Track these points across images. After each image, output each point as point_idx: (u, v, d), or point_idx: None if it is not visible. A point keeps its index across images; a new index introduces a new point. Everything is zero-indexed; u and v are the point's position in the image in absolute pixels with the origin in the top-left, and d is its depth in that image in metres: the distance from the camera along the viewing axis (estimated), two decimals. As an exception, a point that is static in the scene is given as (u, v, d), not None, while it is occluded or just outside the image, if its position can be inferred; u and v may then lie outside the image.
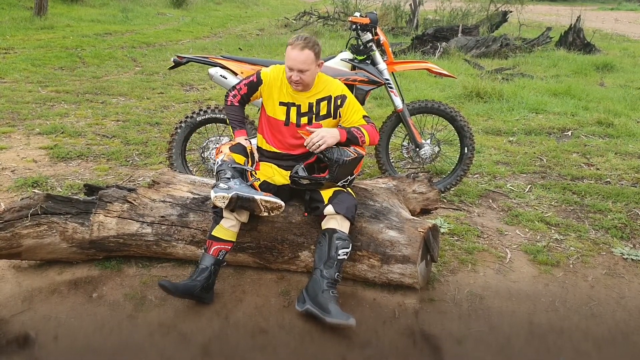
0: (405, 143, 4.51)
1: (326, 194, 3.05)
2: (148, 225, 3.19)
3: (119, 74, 9.12)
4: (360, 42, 4.22)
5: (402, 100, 4.33)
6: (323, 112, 3.17)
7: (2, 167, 4.71)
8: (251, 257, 3.19)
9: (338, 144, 3.05)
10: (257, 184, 3.06)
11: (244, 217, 2.99)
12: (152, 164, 4.97)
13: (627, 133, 6.34)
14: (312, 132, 3.04)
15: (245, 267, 3.24)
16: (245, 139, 3.24)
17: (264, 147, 3.30)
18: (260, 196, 2.80)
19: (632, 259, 3.56)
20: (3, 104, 6.70)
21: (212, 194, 2.78)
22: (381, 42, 4.24)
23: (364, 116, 3.22)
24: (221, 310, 2.89)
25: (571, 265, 3.47)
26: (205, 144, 4.35)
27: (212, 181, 3.44)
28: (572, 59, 11.40)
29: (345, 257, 2.91)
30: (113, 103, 7.13)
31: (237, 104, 3.33)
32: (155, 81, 8.61)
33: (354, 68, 4.17)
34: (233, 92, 3.33)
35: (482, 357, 2.63)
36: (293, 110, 3.16)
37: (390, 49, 4.33)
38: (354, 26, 4.21)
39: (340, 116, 3.19)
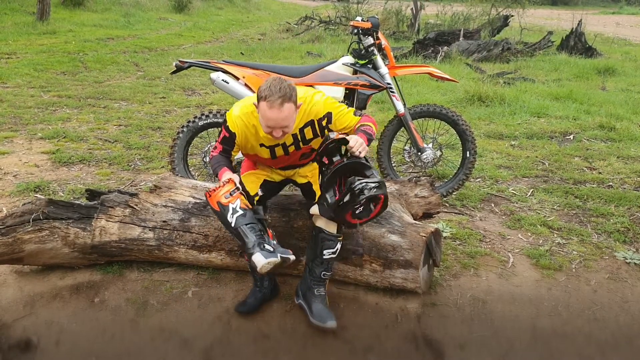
0: (407, 147, 4.51)
1: (319, 190, 2.94)
2: (150, 230, 3.19)
3: (121, 78, 9.13)
4: (361, 47, 4.22)
5: (404, 104, 4.33)
6: (309, 136, 2.86)
7: (4, 172, 4.71)
8: (253, 262, 3.19)
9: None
10: (258, 184, 3.04)
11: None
12: (154, 169, 4.97)
13: (629, 137, 6.33)
14: (349, 137, 2.77)
15: (247, 271, 3.23)
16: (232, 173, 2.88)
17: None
18: (292, 257, 2.65)
19: (635, 263, 3.55)
20: (5, 109, 6.71)
21: (261, 261, 2.52)
22: (383, 46, 4.24)
23: (354, 113, 2.94)
24: (223, 315, 2.89)
25: (574, 270, 3.46)
26: (207, 148, 4.35)
27: (213, 185, 3.43)
28: (574, 63, 11.40)
29: (332, 256, 2.86)
30: (115, 108, 7.14)
31: (217, 154, 2.93)
32: (157, 86, 8.63)
33: (355, 72, 4.17)
34: (212, 151, 2.98)
35: (484, 362, 2.62)
36: (278, 148, 2.88)
37: (391, 53, 4.33)
38: (355, 30, 4.22)
39: (330, 130, 2.92)
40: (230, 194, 2.65)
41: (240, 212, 2.61)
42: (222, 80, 4.20)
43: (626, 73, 10.71)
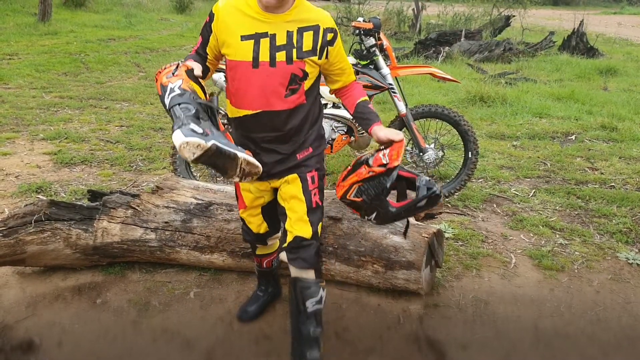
0: (408, 148, 4.50)
1: (292, 227, 2.38)
2: (152, 231, 3.19)
3: (122, 79, 9.14)
4: (363, 47, 4.22)
5: (406, 104, 4.33)
6: (307, 46, 2.23)
7: (6, 173, 4.71)
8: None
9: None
10: (258, 213, 2.62)
11: (276, 242, 2.73)
12: (155, 170, 4.97)
13: (631, 137, 6.32)
14: (392, 139, 2.33)
15: (249, 272, 3.23)
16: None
17: (231, 115, 2.40)
18: (242, 154, 2.00)
19: (637, 264, 3.54)
20: (7, 110, 6.71)
21: (180, 139, 1.89)
22: (384, 46, 4.24)
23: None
24: (225, 316, 2.89)
25: (576, 270, 3.45)
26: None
27: (217, 187, 3.44)
28: (576, 63, 11.38)
29: (319, 306, 2.42)
30: (117, 108, 7.14)
31: (192, 54, 2.41)
32: (159, 86, 8.62)
33: (357, 73, 4.17)
34: None
35: (487, 363, 2.62)
36: (264, 43, 2.20)
37: (393, 53, 4.33)
38: (357, 31, 4.22)
39: (327, 57, 2.31)
40: (173, 73, 2.16)
41: (178, 91, 2.07)
42: (224, 80, 4.20)
43: (628, 73, 10.69)
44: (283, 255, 2.42)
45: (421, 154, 4.40)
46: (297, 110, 2.31)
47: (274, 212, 2.56)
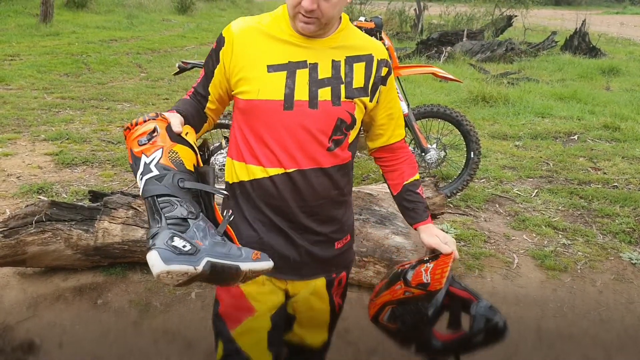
0: (410, 148, 4.49)
1: (302, 331, 1.87)
2: (153, 231, 3.18)
3: (124, 80, 9.14)
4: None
5: (408, 104, 4.32)
6: (358, 81, 1.66)
7: (7, 174, 4.71)
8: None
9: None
10: (264, 334, 1.74)
11: None
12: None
13: (633, 137, 6.30)
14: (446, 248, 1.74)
15: (251, 273, 3.22)
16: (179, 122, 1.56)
17: (244, 178, 1.67)
18: (247, 264, 1.37)
19: (640, 264, 3.53)
20: (9, 111, 6.71)
21: (158, 266, 1.26)
22: (386, 46, 4.23)
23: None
24: (226, 316, 2.87)
25: (579, 270, 3.44)
26: (212, 148, 4.34)
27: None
28: (578, 63, 11.36)
29: None
30: (118, 109, 7.14)
31: (186, 97, 1.80)
32: (161, 87, 8.63)
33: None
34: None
35: (489, 364, 2.60)
36: (301, 75, 1.61)
37: (395, 53, 4.32)
38: (358, 31, 4.20)
39: (378, 100, 1.72)
40: (149, 139, 1.47)
41: (155, 172, 1.41)
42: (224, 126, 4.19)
43: (630, 73, 10.67)
44: None
45: (423, 154, 4.39)
46: (343, 170, 1.71)
47: (280, 338, 1.81)
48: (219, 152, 1.90)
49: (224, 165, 4.20)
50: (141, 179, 1.41)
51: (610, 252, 3.69)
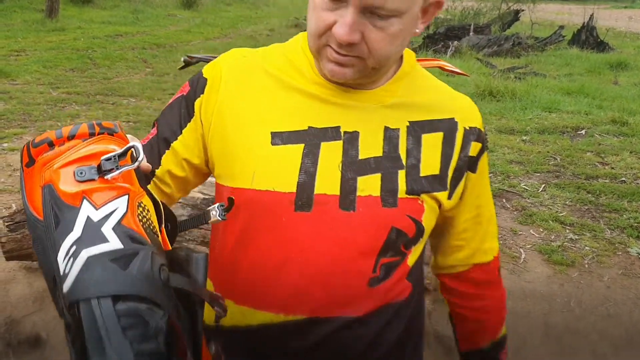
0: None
1: None
2: (158, 225, 3.17)
3: (129, 75, 9.15)
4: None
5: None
6: (430, 165, 0.99)
7: (13, 169, 4.72)
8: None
9: None
10: None
11: None
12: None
13: (642, 131, 6.27)
14: None
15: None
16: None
17: (226, 324, 1.02)
18: None
19: (649, 259, 3.50)
20: (15, 106, 6.73)
21: None
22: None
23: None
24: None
25: (586, 265, 3.42)
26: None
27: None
28: (585, 58, 11.29)
29: None
30: (124, 104, 7.15)
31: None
32: (166, 82, 8.63)
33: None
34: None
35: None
36: (329, 152, 0.95)
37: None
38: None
39: (462, 196, 1.05)
40: (102, 173, 0.68)
41: (115, 244, 0.63)
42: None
43: (639, 67, 10.60)
44: None
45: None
46: (393, 318, 1.02)
47: None
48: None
49: None
50: (72, 256, 0.62)
51: (618, 247, 3.67)
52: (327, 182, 0.93)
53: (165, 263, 0.66)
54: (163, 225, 0.78)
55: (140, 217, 0.69)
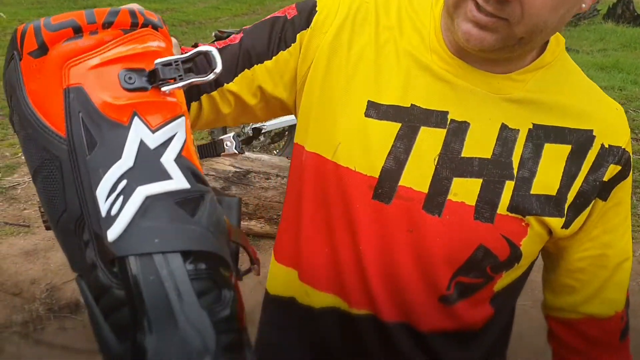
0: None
1: None
2: (191, 197, 3.24)
3: (160, 51, 9.22)
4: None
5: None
6: (546, 182, 0.80)
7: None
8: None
9: None
10: None
11: None
12: (195, 139, 5.03)
13: (678, 107, 6.13)
14: None
15: (287, 239, 3.27)
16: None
17: (282, 292, 0.99)
18: None
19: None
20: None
21: None
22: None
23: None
24: (263, 281, 2.92)
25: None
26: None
27: (254, 155, 3.47)
28: (621, 32, 11.01)
29: None
30: (155, 80, 7.23)
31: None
32: (196, 58, 8.69)
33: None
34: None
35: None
36: (428, 139, 0.80)
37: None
38: None
39: (583, 226, 0.85)
40: (153, 81, 0.53)
41: (181, 181, 0.50)
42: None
43: (676, 42, 10.31)
44: None
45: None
46: (463, 341, 0.90)
47: None
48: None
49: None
50: (122, 193, 0.48)
51: (651, 223, 3.64)
52: (417, 175, 0.79)
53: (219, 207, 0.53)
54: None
55: (195, 151, 0.56)
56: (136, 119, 0.49)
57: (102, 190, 0.47)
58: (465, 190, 0.78)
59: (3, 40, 8.08)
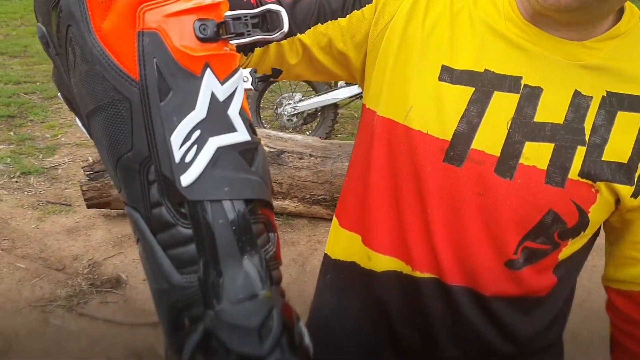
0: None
1: None
2: (226, 177, 3.29)
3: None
4: None
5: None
6: (618, 149, 0.79)
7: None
8: (325, 209, 3.25)
9: None
10: None
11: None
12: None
13: None
14: None
15: (319, 218, 3.31)
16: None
17: (341, 257, 0.98)
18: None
19: None
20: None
21: None
22: None
23: None
24: (298, 258, 2.99)
25: None
26: (278, 100, 4.42)
27: (288, 135, 3.51)
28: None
29: None
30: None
31: None
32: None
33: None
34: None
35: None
36: (501, 104, 0.81)
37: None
38: None
39: None
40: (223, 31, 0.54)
41: (245, 134, 0.54)
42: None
43: None
44: None
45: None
46: (525, 309, 0.90)
47: None
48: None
49: None
50: (196, 142, 0.51)
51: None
52: (489, 138, 0.80)
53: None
54: None
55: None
56: (208, 70, 0.51)
57: (176, 138, 0.50)
58: (537, 155, 0.79)
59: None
